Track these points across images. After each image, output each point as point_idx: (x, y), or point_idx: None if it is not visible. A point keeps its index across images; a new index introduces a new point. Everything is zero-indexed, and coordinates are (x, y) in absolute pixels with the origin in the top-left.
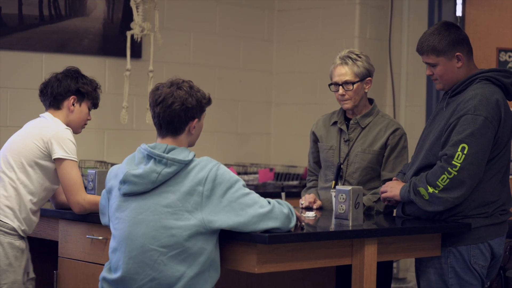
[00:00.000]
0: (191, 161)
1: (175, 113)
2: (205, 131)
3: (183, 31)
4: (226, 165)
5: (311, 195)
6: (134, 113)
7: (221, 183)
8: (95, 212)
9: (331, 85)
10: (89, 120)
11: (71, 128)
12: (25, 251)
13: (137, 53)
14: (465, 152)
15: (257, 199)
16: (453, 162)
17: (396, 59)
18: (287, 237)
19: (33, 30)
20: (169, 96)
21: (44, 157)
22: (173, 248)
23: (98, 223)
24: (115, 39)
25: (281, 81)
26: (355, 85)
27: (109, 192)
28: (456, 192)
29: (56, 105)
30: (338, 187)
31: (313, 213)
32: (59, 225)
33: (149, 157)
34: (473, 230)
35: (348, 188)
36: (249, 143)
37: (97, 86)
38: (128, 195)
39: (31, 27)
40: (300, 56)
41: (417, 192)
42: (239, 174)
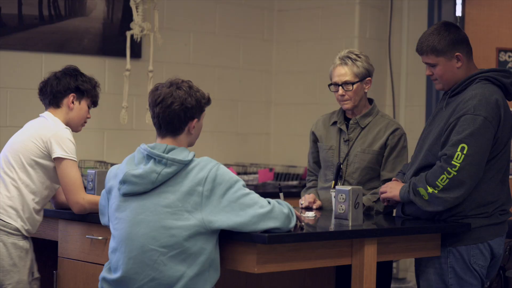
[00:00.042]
0: (191, 161)
1: (174, 113)
2: (204, 131)
3: (182, 31)
4: (226, 165)
5: (310, 195)
6: (133, 113)
7: (221, 183)
8: (94, 212)
9: (330, 85)
10: (88, 118)
11: (71, 126)
12: (30, 251)
13: (136, 53)
14: (464, 152)
15: (257, 199)
16: (452, 162)
17: (396, 59)
18: (287, 237)
19: (33, 30)
20: (168, 96)
21: (44, 156)
22: (173, 248)
23: (98, 223)
24: (115, 39)
25: (280, 81)
26: (354, 85)
27: (109, 192)
28: (455, 192)
29: (55, 103)
30: (338, 187)
31: (312, 213)
32: (59, 225)
33: (149, 157)
34: (473, 230)
35: (347, 188)
36: (248, 143)
37: (96, 84)
38: (128, 195)
39: (30, 27)
40: (300, 56)
41: (416, 192)
42: (238, 174)
